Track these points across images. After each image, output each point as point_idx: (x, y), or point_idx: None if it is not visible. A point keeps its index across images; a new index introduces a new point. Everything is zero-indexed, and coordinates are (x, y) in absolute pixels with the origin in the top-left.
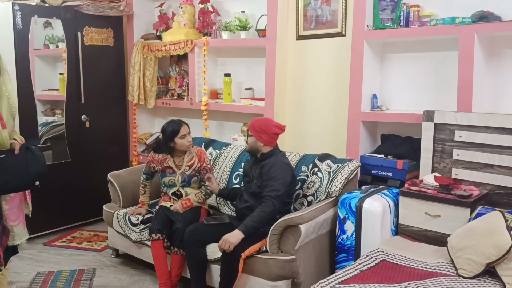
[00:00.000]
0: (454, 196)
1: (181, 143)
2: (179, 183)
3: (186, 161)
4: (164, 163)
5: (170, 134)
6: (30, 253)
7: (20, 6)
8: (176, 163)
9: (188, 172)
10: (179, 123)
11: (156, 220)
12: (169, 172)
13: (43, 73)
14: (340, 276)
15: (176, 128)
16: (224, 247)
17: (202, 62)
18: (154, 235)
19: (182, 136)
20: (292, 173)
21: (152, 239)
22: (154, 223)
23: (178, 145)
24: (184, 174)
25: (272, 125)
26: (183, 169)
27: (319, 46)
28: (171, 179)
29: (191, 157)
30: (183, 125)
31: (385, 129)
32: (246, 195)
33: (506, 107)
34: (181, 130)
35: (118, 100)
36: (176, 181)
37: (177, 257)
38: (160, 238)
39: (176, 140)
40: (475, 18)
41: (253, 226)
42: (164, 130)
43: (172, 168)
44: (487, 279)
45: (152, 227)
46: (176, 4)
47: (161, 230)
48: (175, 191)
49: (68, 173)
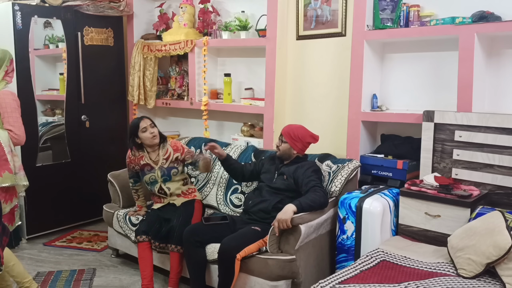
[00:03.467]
0: (454, 196)
1: (144, 136)
2: (160, 178)
3: (162, 155)
4: (141, 161)
5: (131, 130)
6: (30, 253)
7: (20, 6)
8: (153, 159)
9: (166, 165)
10: (139, 118)
11: (144, 221)
12: (147, 169)
13: (43, 73)
14: (340, 276)
15: (135, 123)
16: (282, 227)
17: (202, 62)
18: (139, 236)
19: (143, 129)
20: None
21: (138, 241)
22: (140, 225)
23: (143, 139)
24: (163, 167)
25: (307, 135)
26: (160, 163)
27: (319, 46)
28: (152, 176)
29: (166, 150)
30: (143, 119)
31: (385, 129)
32: (265, 192)
33: (506, 107)
34: (141, 124)
35: (118, 100)
36: (157, 177)
37: (176, 254)
38: (145, 239)
39: (139, 134)
40: (475, 18)
41: (308, 204)
42: (128, 129)
43: (150, 164)
44: (487, 279)
45: (138, 228)
46: (176, 4)
47: (146, 232)
48: (158, 188)
49: (68, 173)
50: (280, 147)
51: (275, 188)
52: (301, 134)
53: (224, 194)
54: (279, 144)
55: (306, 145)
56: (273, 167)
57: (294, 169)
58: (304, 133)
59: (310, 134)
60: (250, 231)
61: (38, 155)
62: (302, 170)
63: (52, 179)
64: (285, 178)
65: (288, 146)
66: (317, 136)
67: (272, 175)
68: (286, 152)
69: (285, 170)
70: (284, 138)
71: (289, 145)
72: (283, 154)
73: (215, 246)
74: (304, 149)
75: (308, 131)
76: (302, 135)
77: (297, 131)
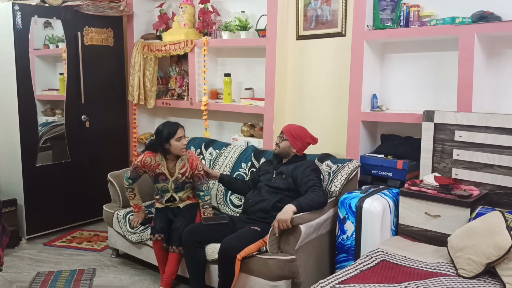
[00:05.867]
0: (454, 196)
1: (176, 145)
2: (172, 190)
3: (179, 168)
4: (157, 169)
5: (166, 135)
6: (30, 253)
7: (20, 6)
8: (169, 169)
9: (181, 180)
10: (176, 125)
11: (158, 219)
12: (161, 179)
13: (43, 73)
14: (340, 276)
15: (173, 130)
16: (281, 227)
17: (202, 62)
18: (158, 235)
19: (178, 138)
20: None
21: (156, 239)
22: (156, 222)
23: (172, 148)
24: (177, 181)
25: (307, 135)
26: (175, 176)
27: (319, 46)
28: (164, 186)
29: (183, 164)
30: (180, 128)
31: (385, 129)
32: (265, 191)
33: (506, 107)
34: (178, 132)
35: (118, 100)
36: (169, 188)
37: (174, 255)
38: (162, 238)
39: (172, 142)
40: (475, 18)
41: (307, 204)
42: (160, 131)
43: (165, 174)
44: (487, 279)
45: (155, 226)
46: (176, 4)
47: (164, 230)
48: (168, 197)
49: (68, 173)
50: (280, 144)
51: (274, 187)
52: (302, 133)
53: (224, 194)
54: (279, 141)
55: (306, 145)
56: (271, 167)
57: (292, 168)
58: (304, 133)
59: (310, 135)
60: (250, 231)
61: (38, 155)
62: (301, 169)
63: (52, 179)
64: (284, 177)
65: (288, 144)
66: (317, 138)
67: (271, 175)
68: (286, 150)
69: (284, 169)
70: (285, 135)
71: (289, 142)
72: (282, 152)
73: (215, 246)
74: (303, 148)
75: (308, 132)
76: (303, 134)
77: (298, 130)
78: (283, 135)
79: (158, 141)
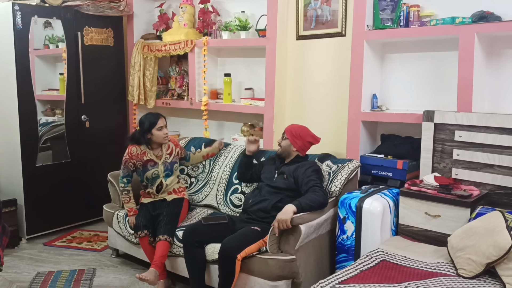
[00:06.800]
0: (454, 196)
1: (157, 134)
2: (163, 173)
3: (165, 150)
4: (144, 156)
5: (147, 125)
6: (30, 253)
7: (20, 6)
8: (156, 155)
9: (169, 160)
10: (157, 115)
11: (140, 216)
12: (150, 165)
13: (43, 73)
14: (340, 276)
15: (154, 120)
16: (282, 228)
17: (202, 62)
18: (140, 232)
19: (159, 128)
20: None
21: (140, 236)
22: (138, 219)
23: (154, 137)
24: (166, 162)
25: (308, 135)
26: (163, 158)
27: (319, 46)
28: (155, 171)
29: (168, 145)
30: (161, 118)
31: (385, 129)
32: (265, 191)
33: (506, 107)
34: (159, 122)
35: (118, 100)
36: (160, 172)
37: (162, 242)
38: (146, 234)
39: (153, 131)
40: (475, 18)
41: (308, 204)
42: (142, 122)
43: (153, 160)
44: (487, 279)
45: (137, 224)
46: (176, 4)
47: (147, 226)
48: (158, 183)
49: (68, 173)
50: (281, 144)
51: (275, 187)
52: (302, 132)
53: (224, 194)
54: (280, 141)
55: (307, 144)
56: (273, 166)
57: (294, 169)
58: (306, 133)
59: (312, 134)
60: (250, 231)
61: (38, 155)
62: (302, 170)
63: (52, 179)
64: (285, 177)
65: (288, 143)
66: (319, 138)
67: (272, 175)
68: (286, 149)
69: (285, 169)
70: (286, 134)
71: (289, 141)
72: (283, 151)
73: (214, 246)
74: (305, 148)
75: (310, 132)
76: (304, 133)
77: (299, 129)
78: (284, 134)
79: (140, 132)
